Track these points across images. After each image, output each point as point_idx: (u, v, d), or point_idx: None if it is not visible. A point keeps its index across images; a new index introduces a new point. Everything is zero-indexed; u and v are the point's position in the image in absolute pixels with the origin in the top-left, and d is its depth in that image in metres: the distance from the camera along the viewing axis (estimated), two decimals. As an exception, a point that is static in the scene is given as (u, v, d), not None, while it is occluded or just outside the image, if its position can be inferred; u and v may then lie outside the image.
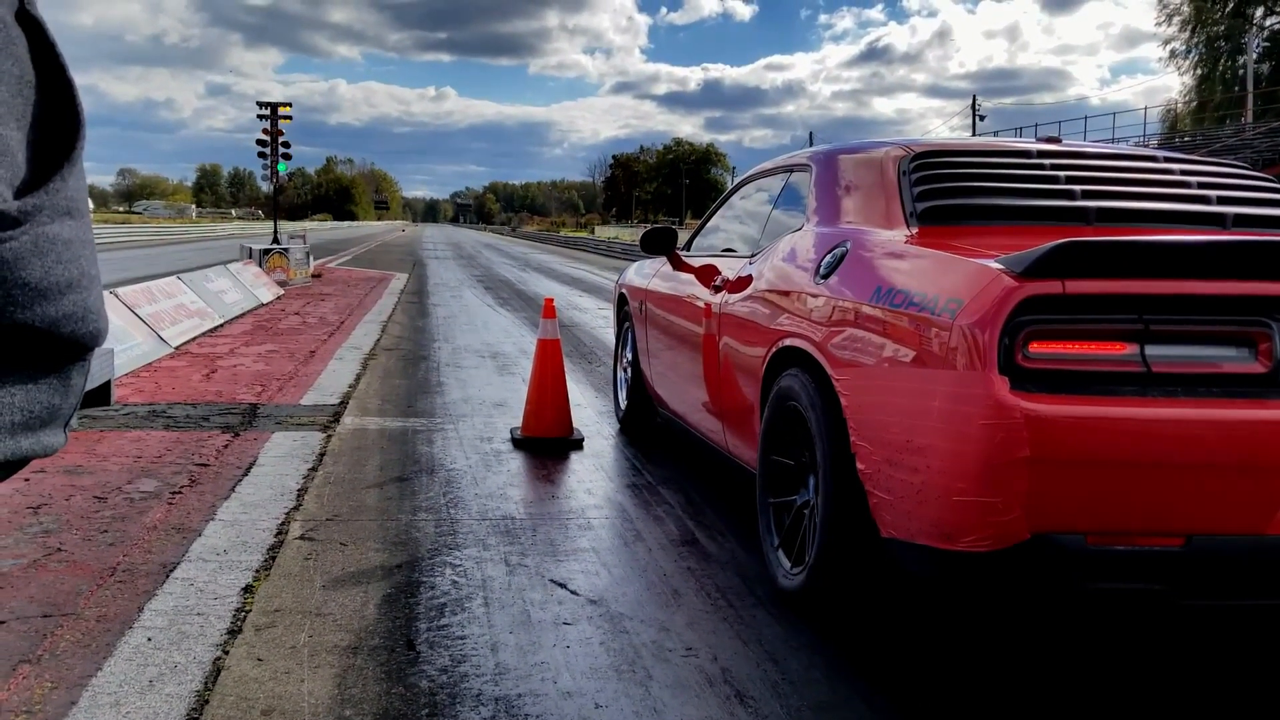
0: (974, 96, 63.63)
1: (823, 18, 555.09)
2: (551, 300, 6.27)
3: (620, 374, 6.49)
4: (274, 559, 3.74)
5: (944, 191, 3.41)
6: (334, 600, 3.36)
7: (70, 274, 0.63)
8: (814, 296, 3.40)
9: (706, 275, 4.67)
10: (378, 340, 10.44)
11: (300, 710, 2.60)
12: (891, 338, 2.87)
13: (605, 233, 77.38)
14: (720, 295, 4.34)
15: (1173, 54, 58.58)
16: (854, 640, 3.13)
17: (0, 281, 0.58)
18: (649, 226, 7.67)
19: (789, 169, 4.49)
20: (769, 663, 2.96)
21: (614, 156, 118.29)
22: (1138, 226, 3.25)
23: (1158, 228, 3.24)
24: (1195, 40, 56.72)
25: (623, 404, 6.33)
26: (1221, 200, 3.43)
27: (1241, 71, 51.73)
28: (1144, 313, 2.49)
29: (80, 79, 0.67)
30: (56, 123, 0.65)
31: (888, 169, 3.63)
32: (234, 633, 3.06)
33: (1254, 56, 51.21)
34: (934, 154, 3.66)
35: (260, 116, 25.30)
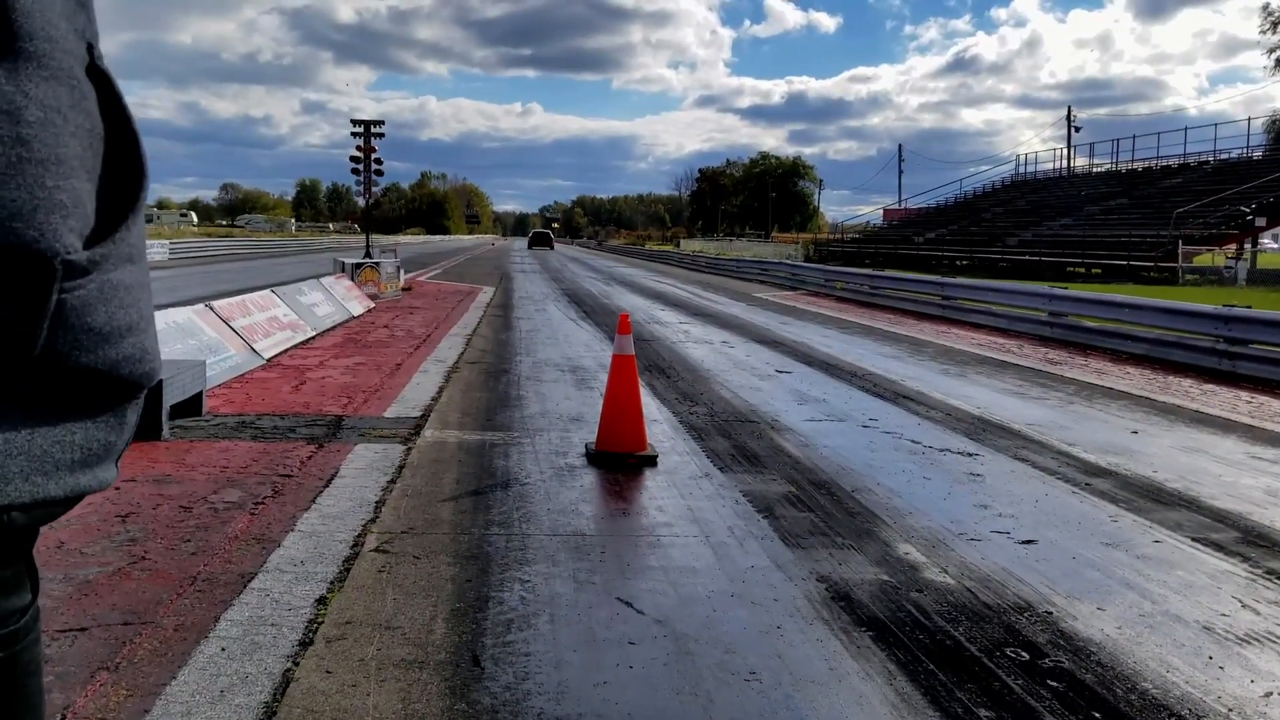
0: (1069, 109, 62.18)
1: (908, 29, 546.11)
2: (626, 315, 6.28)
3: None
4: (349, 571, 3.80)
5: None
6: (404, 613, 3.40)
7: (130, 318, 0.66)
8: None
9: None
10: (462, 353, 10.60)
11: (364, 724, 2.62)
12: None
13: (690, 246, 77.30)
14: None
15: (1278, 63, 56.30)
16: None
17: (68, 328, 0.60)
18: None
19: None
20: (835, 683, 2.90)
21: (700, 170, 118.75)
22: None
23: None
24: (1302, 48, 54.39)
25: None
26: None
27: (1355, 77, 49.36)
28: None
29: (182, 96, 0.70)
30: (122, 174, 0.67)
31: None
32: (305, 644, 3.11)
33: (1367, 63, 48.86)
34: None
35: (354, 134, 26.05)
